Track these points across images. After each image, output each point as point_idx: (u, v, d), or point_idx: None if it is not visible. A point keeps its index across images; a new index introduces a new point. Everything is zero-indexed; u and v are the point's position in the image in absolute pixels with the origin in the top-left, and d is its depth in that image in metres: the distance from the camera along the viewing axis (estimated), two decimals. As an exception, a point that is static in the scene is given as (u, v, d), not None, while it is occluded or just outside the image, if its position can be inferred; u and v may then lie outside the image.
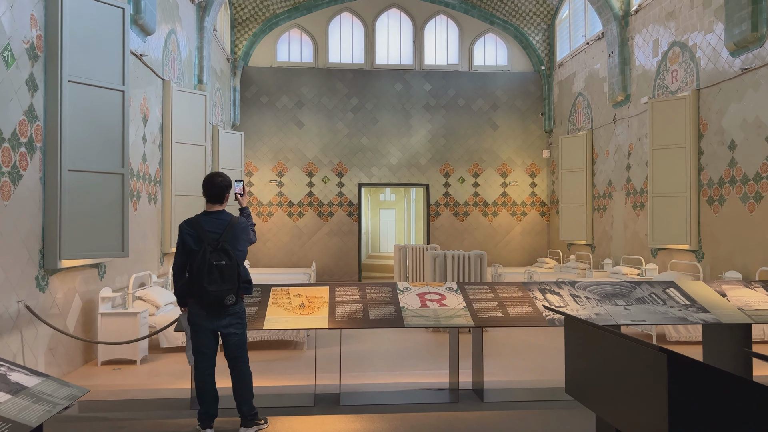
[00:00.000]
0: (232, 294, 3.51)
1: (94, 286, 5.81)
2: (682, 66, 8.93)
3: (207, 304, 3.51)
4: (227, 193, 3.76)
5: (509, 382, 4.91)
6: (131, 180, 6.85)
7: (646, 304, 4.50)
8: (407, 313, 4.25)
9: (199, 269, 3.46)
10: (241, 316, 3.69)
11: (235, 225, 3.67)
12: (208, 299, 3.47)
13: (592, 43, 11.95)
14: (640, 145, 10.15)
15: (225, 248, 3.52)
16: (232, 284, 3.50)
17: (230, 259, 3.51)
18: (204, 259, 3.46)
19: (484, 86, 14.07)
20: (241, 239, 3.68)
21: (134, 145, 6.96)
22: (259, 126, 13.64)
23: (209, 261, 3.46)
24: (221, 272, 3.47)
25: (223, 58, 12.54)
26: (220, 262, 3.48)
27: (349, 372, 5.19)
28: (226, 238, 3.58)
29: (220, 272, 3.47)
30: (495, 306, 4.37)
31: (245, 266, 3.76)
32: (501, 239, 14.08)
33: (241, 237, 3.68)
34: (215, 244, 3.53)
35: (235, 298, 3.54)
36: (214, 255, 3.49)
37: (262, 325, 4.09)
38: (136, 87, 7.00)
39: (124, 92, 5.30)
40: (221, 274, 3.47)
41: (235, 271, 3.52)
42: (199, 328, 3.60)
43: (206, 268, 3.45)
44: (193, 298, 3.56)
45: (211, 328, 3.60)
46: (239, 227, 3.69)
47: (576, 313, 4.31)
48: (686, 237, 8.54)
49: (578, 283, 4.77)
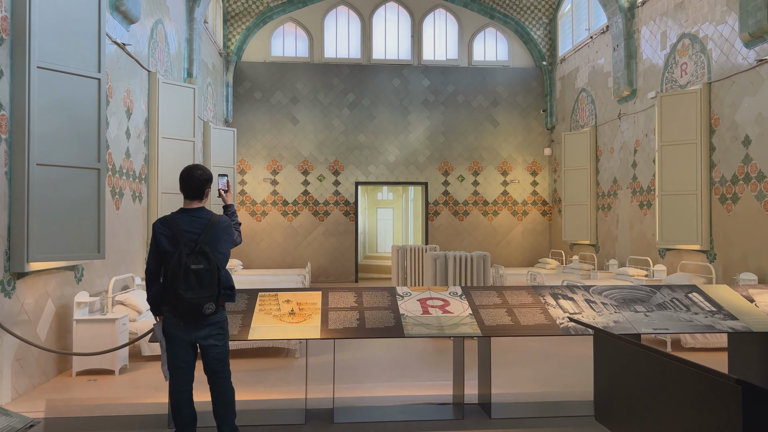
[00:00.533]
0: (212, 302, 3.11)
1: (69, 290, 5.40)
2: (692, 59, 8.56)
3: (183, 313, 3.11)
4: (207, 187, 3.36)
5: (518, 395, 4.52)
6: (113, 177, 6.44)
7: (668, 310, 4.12)
8: (407, 321, 3.86)
9: (174, 274, 3.06)
10: (222, 326, 3.29)
11: (216, 224, 3.27)
12: (184, 308, 3.07)
13: (595, 37, 11.58)
14: (647, 141, 9.78)
15: (204, 250, 3.12)
16: (212, 291, 3.11)
17: (209, 263, 3.11)
18: (180, 263, 3.06)
19: (484, 82, 13.69)
20: (222, 240, 3.28)
21: (116, 140, 6.56)
22: (252, 123, 13.23)
23: (185, 264, 3.06)
24: (199, 277, 3.07)
25: (215, 53, 12.12)
26: (197, 265, 3.08)
27: (344, 384, 4.80)
28: (205, 239, 3.18)
29: (197, 277, 3.07)
30: (503, 313, 3.98)
31: (227, 270, 3.37)
32: (501, 239, 13.70)
33: (222, 237, 3.28)
34: (193, 245, 3.13)
35: (214, 306, 3.14)
36: (191, 258, 3.09)
37: (247, 335, 3.69)
38: (118, 78, 6.59)
39: (101, 80, 4.89)
40: (199, 280, 3.07)
41: (215, 275, 3.12)
42: (174, 340, 3.19)
43: (182, 272, 3.05)
44: (167, 306, 3.15)
45: (188, 340, 3.20)
46: (221, 226, 3.29)
47: (593, 321, 3.93)
48: (697, 237, 8.17)
49: (593, 287, 4.39)
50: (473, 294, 4.23)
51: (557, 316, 3.99)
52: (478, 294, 4.24)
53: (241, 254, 13.02)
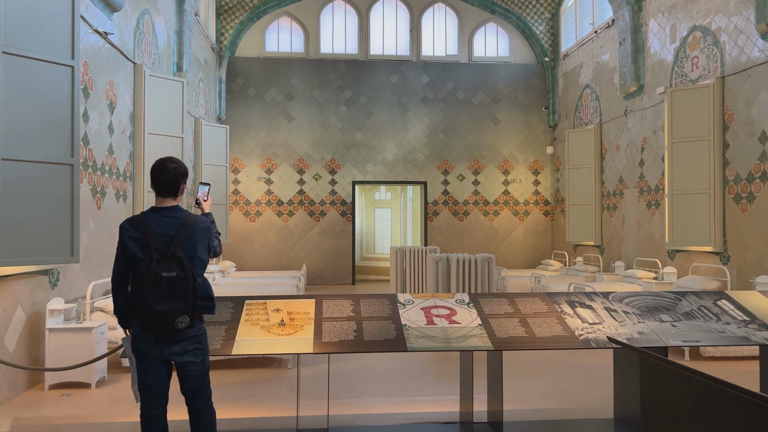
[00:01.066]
0: (186, 315, 2.71)
1: (43, 296, 5.00)
2: (703, 52, 8.20)
3: (152, 327, 2.71)
4: (183, 183, 2.95)
5: (532, 412, 4.14)
6: (94, 174, 6.04)
7: (697, 319, 3.74)
8: (410, 332, 3.48)
9: (142, 282, 2.67)
10: (199, 340, 2.90)
11: (192, 225, 2.87)
12: (154, 321, 2.68)
13: (600, 32, 11.22)
14: (655, 138, 9.42)
15: (177, 255, 2.72)
16: (186, 302, 2.71)
17: (183, 270, 2.71)
18: (149, 270, 2.67)
19: (484, 78, 13.32)
20: (199, 244, 2.89)
21: (98, 135, 6.16)
22: (246, 120, 12.83)
23: (156, 272, 2.67)
24: (171, 286, 2.68)
25: (208, 47, 11.72)
26: (169, 273, 2.68)
27: (340, 399, 4.41)
28: (179, 242, 2.79)
29: (169, 286, 2.68)
30: (516, 323, 3.60)
31: (205, 278, 2.97)
32: (502, 240, 13.33)
33: (199, 241, 2.88)
34: (165, 249, 2.73)
35: (189, 319, 2.73)
36: (162, 264, 2.69)
37: (231, 348, 3.30)
38: (100, 69, 6.19)
39: (74, 68, 4.49)
40: (171, 289, 2.68)
41: (190, 284, 2.72)
42: (145, 357, 2.80)
43: (151, 280, 2.66)
44: (136, 318, 2.76)
45: (161, 357, 2.80)
46: (198, 228, 2.89)
47: (615, 332, 3.55)
48: (710, 238, 7.81)
49: (613, 294, 4.01)
50: (482, 302, 3.85)
51: (575, 326, 3.61)
52: (487, 302, 3.85)
53: (234, 256, 12.61)
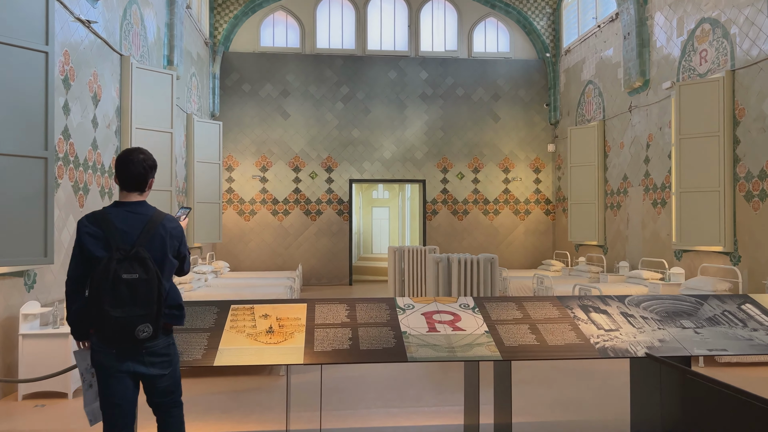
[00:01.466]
0: (148, 323, 2.39)
1: (17, 299, 4.68)
2: (712, 45, 7.92)
3: (110, 337, 2.39)
4: (151, 177, 2.64)
5: (542, 425, 3.85)
6: (76, 170, 5.73)
7: (721, 325, 3.45)
8: (411, 340, 3.17)
9: (99, 285, 2.35)
10: (167, 351, 2.59)
11: (161, 223, 2.56)
12: (111, 329, 2.35)
13: (603, 26, 10.94)
14: (661, 135, 9.14)
15: (141, 256, 2.41)
16: (148, 308, 2.38)
17: (147, 272, 2.39)
18: (107, 270, 2.34)
19: (484, 75, 13.03)
20: (168, 245, 2.57)
21: (80, 128, 5.84)
22: (240, 116, 12.51)
23: (115, 273, 2.35)
24: (132, 290, 2.36)
25: (201, 42, 11.40)
26: (131, 275, 2.37)
27: (333, 410, 4.11)
28: (144, 241, 2.48)
29: (130, 290, 2.36)
30: (526, 330, 3.30)
31: (174, 284, 2.65)
32: (503, 240, 13.04)
33: (168, 242, 2.57)
34: (127, 249, 2.42)
35: (152, 329, 2.40)
36: (123, 265, 2.37)
37: (213, 359, 3.00)
38: (82, 59, 5.88)
39: (48, 54, 4.18)
40: (132, 293, 2.36)
41: (155, 289, 2.40)
42: (108, 372, 2.47)
43: (109, 283, 2.34)
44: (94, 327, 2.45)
45: (126, 371, 2.48)
46: (167, 227, 2.58)
47: (633, 339, 3.26)
48: (719, 237, 7.53)
49: (629, 297, 3.72)
50: (488, 306, 3.55)
51: (590, 333, 3.32)
52: (494, 306, 3.55)
53: (228, 256, 12.30)
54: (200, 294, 8.03)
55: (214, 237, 10.84)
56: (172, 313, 2.58)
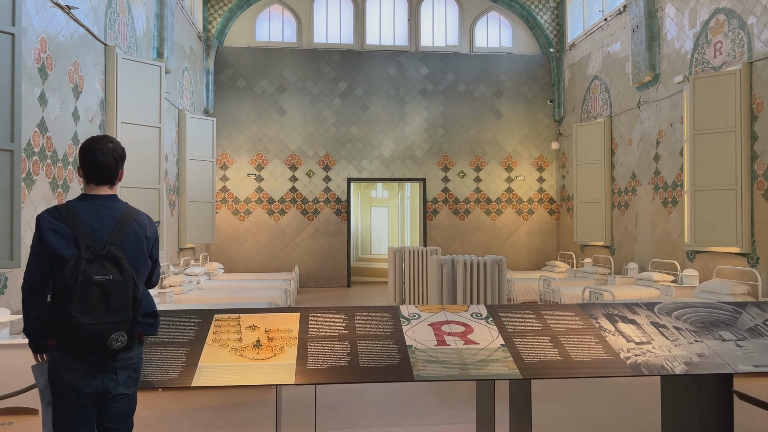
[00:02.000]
0: (123, 331, 2.06)
1: (-14, 305, 4.31)
2: (728, 36, 7.56)
3: (77, 348, 2.04)
4: (121, 168, 2.31)
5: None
6: (54, 166, 5.34)
7: (764, 337, 3.08)
8: (417, 355, 2.79)
9: (66, 288, 2.00)
10: (136, 367, 2.24)
11: (134, 220, 2.23)
12: (79, 339, 2.01)
13: (610, 19, 10.58)
14: (672, 131, 8.78)
15: (114, 255, 2.08)
16: (123, 314, 2.06)
17: (122, 273, 2.07)
18: (76, 271, 2.01)
19: (486, 70, 12.66)
20: (143, 244, 2.24)
21: (59, 122, 5.46)
22: (235, 113, 12.12)
23: (85, 274, 2.02)
24: (105, 293, 2.03)
25: (194, 36, 11.01)
26: (103, 276, 2.03)
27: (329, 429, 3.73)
28: (117, 239, 2.15)
29: (102, 293, 2.02)
30: (547, 343, 2.93)
31: (146, 289, 2.30)
32: (505, 240, 12.67)
33: (141, 243, 2.24)
34: (98, 248, 2.09)
35: (127, 338, 2.08)
36: (94, 265, 2.04)
37: (191, 379, 2.61)
38: (61, 47, 5.49)
39: (15, 36, 3.79)
40: (105, 297, 2.03)
41: (130, 292, 2.08)
42: (68, 391, 2.10)
43: (79, 286, 2.00)
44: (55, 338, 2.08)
45: (90, 392, 2.12)
46: (142, 224, 2.26)
47: (668, 353, 2.88)
48: (736, 238, 7.17)
49: (659, 305, 3.34)
50: (503, 315, 3.17)
51: (620, 347, 2.94)
52: (509, 315, 3.18)
53: (222, 257, 11.91)
54: (191, 297, 7.64)
55: (207, 237, 10.45)
56: (147, 321, 2.24)
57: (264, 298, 7.65)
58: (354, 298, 10.62)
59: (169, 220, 9.14)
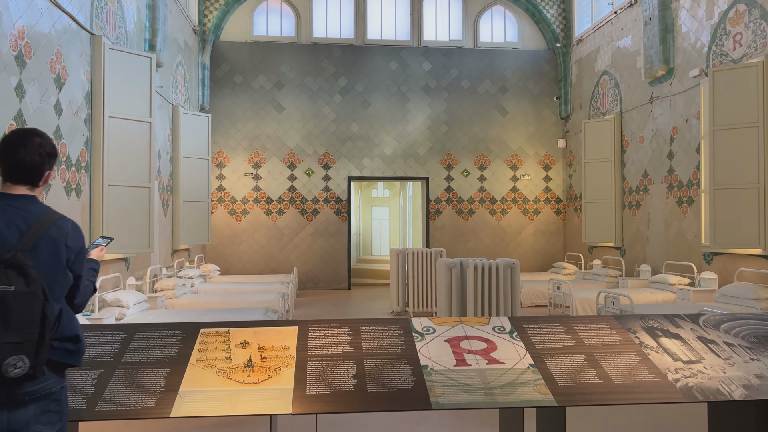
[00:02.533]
0: (23, 355, 1.69)
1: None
2: (749, 27, 7.19)
3: None
4: (49, 168, 1.96)
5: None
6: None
7: (827, 354, 2.70)
8: (434, 378, 2.41)
9: None
10: (57, 398, 1.86)
11: (53, 224, 1.87)
12: None
13: (620, 12, 10.20)
14: (687, 127, 8.40)
15: (20, 263, 1.72)
16: (24, 334, 1.69)
17: (28, 284, 1.71)
18: None
19: (491, 66, 12.28)
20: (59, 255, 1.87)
21: (38, 114, 5.07)
22: (232, 110, 11.73)
23: None
24: (3, 308, 1.67)
25: (189, 29, 10.62)
26: (4, 286, 1.68)
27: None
28: (27, 245, 1.80)
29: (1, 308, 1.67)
30: (583, 362, 2.54)
31: (69, 309, 1.93)
32: (511, 241, 12.29)
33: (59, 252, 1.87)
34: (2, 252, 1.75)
35: (27, 363, 1.70)
36: None
37: (170, 408, 2.22)
38: (40, 34, 5.11)
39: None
40: (3, 312, 1.67)
41: (37, 308, 1.72)
42: None
43: None
44: None
45: None
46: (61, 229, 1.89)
47: (723, 374, 2.50)
48: (759, 239, 6.80)
49: (704, 316, 2.96)
50: (529, 329, 2.79)
51: (665, 366, 2.56)
52: (536, 329, 2.79)
53: (218, 259, 11.52)
54: (183, 302, 7.26)
55: (202, 238, 10.06)
56: (65, 347, 1.86)
57: (261, 302, 7.27)
58: (355, 301, 10.24)
59: (163, 220, 8.75)
